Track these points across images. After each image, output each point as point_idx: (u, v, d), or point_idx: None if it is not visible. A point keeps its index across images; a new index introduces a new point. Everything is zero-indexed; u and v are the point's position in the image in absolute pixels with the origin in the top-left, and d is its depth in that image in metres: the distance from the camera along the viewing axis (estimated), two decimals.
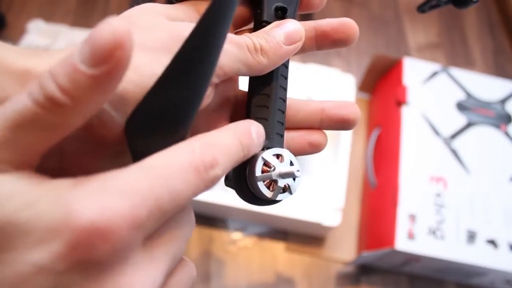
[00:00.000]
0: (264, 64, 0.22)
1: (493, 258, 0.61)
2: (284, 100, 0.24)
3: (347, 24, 0.24)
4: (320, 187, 0.74)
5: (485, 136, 0.70)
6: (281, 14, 0.24)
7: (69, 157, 0.19)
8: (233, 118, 0.25)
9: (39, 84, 0.14)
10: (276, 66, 0.22)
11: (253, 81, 0.24)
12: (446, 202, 0.65)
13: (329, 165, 0.77)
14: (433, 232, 0.62)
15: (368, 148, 0.77)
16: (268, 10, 0.23)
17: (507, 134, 0.71)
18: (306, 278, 0.70)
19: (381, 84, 0.82)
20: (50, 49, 0.19)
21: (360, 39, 0.93)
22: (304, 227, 0.69)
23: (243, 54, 0.21)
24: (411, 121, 0.70)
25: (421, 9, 0.38)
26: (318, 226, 0.66)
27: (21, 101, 0.14)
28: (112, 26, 0.13)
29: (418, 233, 0.62)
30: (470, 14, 1.00)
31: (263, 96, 0.23)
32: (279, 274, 0.70)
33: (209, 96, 0.21)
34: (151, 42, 0.19)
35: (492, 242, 0.62)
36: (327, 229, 0.68)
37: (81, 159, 0.19)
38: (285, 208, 0.65)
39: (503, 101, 0.74)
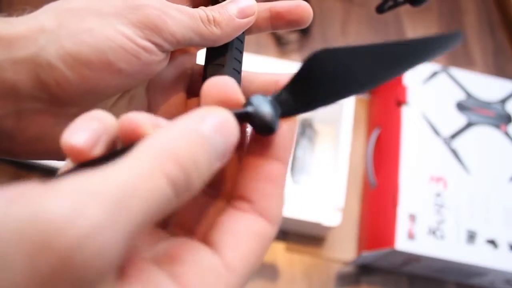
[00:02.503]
0: (217, 34, 0.23)
1: (493, 258, 0.61)
2: (239, 72, 0.25)
3: (300, 6, 0.25)
4: (320, 187, 0.74)
5: (485, 136, 0.70)
6: None
7: (26, 116, 0.20)
8: (189, 91, 0.26)
9: (185, 175, 0.13)
10: (230, 38, 0.24)
11: (208, 53, 0.25)
12: (446, 202, 0.65)
13: (329, 165, 0.77)
14: (433, 232, 0.62)
15: (368, 148, 0.77)
16: None
17: (507, 134, 0.71)
18: (306, 278, 0.70)
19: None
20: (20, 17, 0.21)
21: (360, 39, 0.93)
22: (304, 227, 0.69)
23: (196, 24, 0.22)
24: (411, 121, 0.70)
25: (380, 9, 0.38)
26: (318, 226, 0.66)
27: (159, 189, 0.13)
28: (237, 130, 0.16)
29: (418, 233, 0.62)
30: (470, 14, 1.00)
31: (217, 66, 0.25)
32: (279, 274, 0.70)
33: (161, 63, 0.22)
34: (106, 9, 0.21)
35: (492, 242, 0.62)
36: (327, 229, 0.68)
37: (38, 120, 0.21)
38: (285, 208, 0.64)
39: (503, 101, 0.74)
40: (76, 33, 0.20)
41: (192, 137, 0.14)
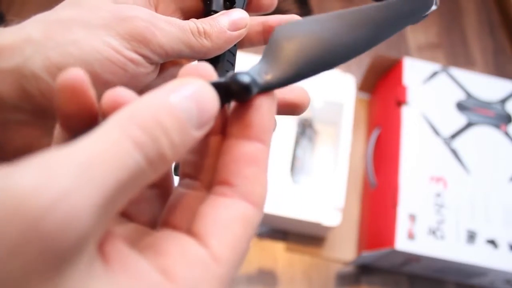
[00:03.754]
0: (208, 46, 0.23)
1: (493, 258, 0.61)
2: None
3: (294, 20, 0.25)
4: (320, 187, 0.74)
5: (485, 136, 0.70)
6: (229, 5, 0.25)
7: (11, 127, 0.20)
8: None
9: (152, 139, 0.13)
10: (221, 51, 0.24)
11: None
12: (446, 202, 0.65)
13: (329, 165, 0.77)
14: (433, 232, 0.62)
15: (368, 148, 0.77)
16: (217, 1, 0.25)
17: (507, 134, 0.71)
18: (306, 278, 0.70)
19: (381, 84, 0.82)
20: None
21: None
22: (304, 227, 0.69)
23: (186, 36, 0.22)
24: (411, 121, 0.70)
25: None
26: (318, 226, 0.66)
27: (127, 154, 0.13)
28: (214, 98, 0.15)
29: (418, 233, 0.62)
30: (470, 14, 1.00)
31: None
32: (279, 274, 0.70)
33: (150, 75, 0.22)
34: (94, 20, 0.20)
35: (492, 242, 0.62)
36: (327, 229, 0.68)
37: (23, 131, 0.21)
38: (285, 208, 0.65)
39: (503, 101, 0.74)
40: (62, 44, 0.20)
41: (158, 104, 0.14)
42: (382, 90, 0.81)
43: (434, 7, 0.21)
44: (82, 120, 0.15)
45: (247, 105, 0.17)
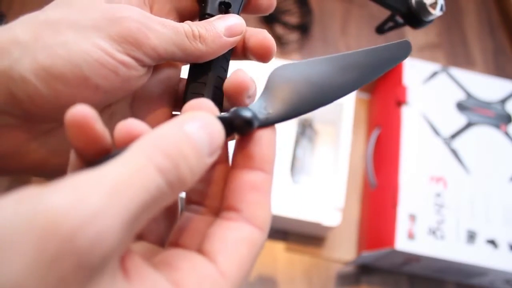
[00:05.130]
0: (202, 50, 0.22)
1: (493, 258, 0.61)
2: (221, 91, 0.24)
3: (265, 40, 0.24)
4: (320, 187, 0.74)
5: (485, 136, 0.70)
6: (224, 9, 0.25)
7: (1, 132, 0.20)
8: (175, 106, 0.26)
9: (173, 165, 0.15)
10: (215, 55, 0.23)
11: (192, 69, 0.25)
12: (446, 202, 0.65)
13: (329, 165, 0.77)
14: (433, 232, 0.62)
15: (368, 148, 0.77)
16: (212, 3, 0.24)
17: (507, 134, 0.71)
18: (306, 278, 0.70)
19: (381, 84, 0.82)
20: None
21: (360, 39, 0.93)
22: (304, 227, 0.69)
23: (180, 39, 0.21)
24: (411, 121, 0.70)
25: (380, 30, 0.37)
26: (318, 226, 0.66)
27: (151, 179, 0.14)
28: (221, 129, 0.17)
29: (418, 233, 0.62)
30: (470, 14, 1.00)
31: (200, 84, 0.24)
32: (279, 274, 0.70)
33: (142, 78, 0.22)
34: (84, 21, 0.20)
35: (492, 242, 0.62)
36: (327, 229, 0.68)
37: (10, 135, 0.20)
38: (285, 208, 0.65)
39: (503, 101, 0.74)
40: (50, 46, 0.19)
41: (178, 134, 0.15)
42: (382, 90, 0.81)
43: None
44: (94, 150, 0.17)
45: (248, 138, 0.19)
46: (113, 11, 0.20)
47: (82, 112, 0.16)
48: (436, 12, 0.31)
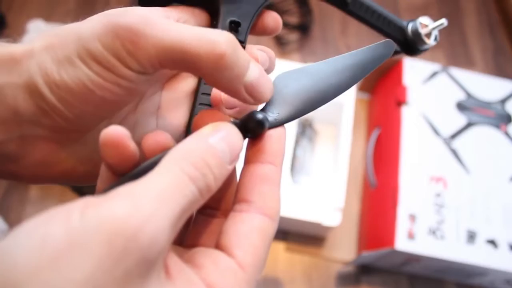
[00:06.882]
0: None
1: (493, 258, 0.61)
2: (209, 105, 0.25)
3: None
4: (320, 187, 0.74)
5: (485, 136, 0.70)
6: (235, 27, 0.25)
7: (29, 141, 0.21)
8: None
9: (202, 174, 0.17)
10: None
11: (200, 81, 0.26)
12: (446, 202, 0.65)
13: (329, 165, 0.77)
14: (433, 232, 0.62)
15: (368, 148, 0.77)
16: (223, 23, 0.25)
17: (507, 134, 0.71)
18: (306, 278, 0.70)
19: (381, 84, 0.82)
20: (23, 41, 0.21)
21: (360, 39, 0.93)
22: (304, 227, 0.69)
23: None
24: (411, 121, 0.70)
25: None
26: (318, 226, 0.66)
27: (187, 187, 0.16)
28: (240, 138, 0.19)
29: (418, 233, 0.62)
30: (470, 14, 1.00)
31: (207, 96, 0.25)
32: (279, 274, 0.70)
33: (149, 81, 0.21)
34: (85, 34, 0.20)
35: (492, 242, 0.63)
36: (327, 229, 0.68)
37: (40, 145, 0.21)
38: (285, 208, 0.65)
39: (503, 101, 0.74)
40: (58, 60, 0.19)
41: (203, 147, 0.18)
42: (382, 90, 0.81)
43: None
44: (125, 165, 0.19)
45: (260, 138, 0.21)
46: (111, 18, 0.20)
47: (116, 133, 0.18)
48: (431, 42, 0.33)
